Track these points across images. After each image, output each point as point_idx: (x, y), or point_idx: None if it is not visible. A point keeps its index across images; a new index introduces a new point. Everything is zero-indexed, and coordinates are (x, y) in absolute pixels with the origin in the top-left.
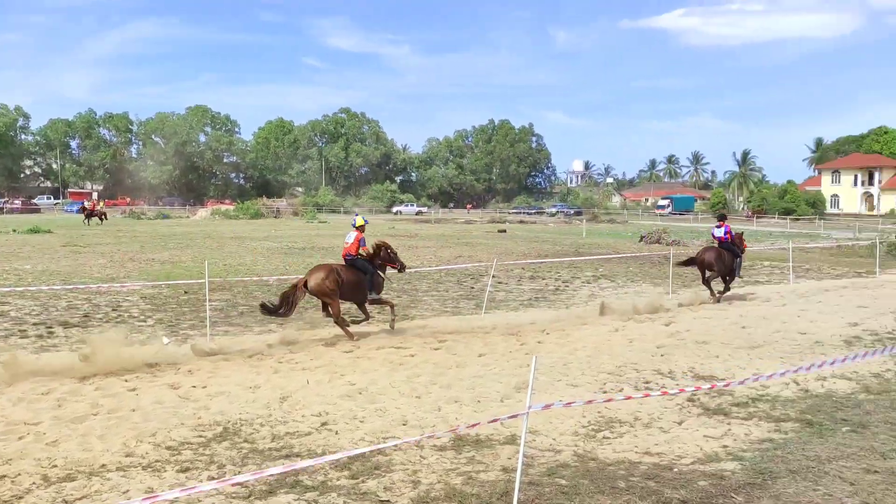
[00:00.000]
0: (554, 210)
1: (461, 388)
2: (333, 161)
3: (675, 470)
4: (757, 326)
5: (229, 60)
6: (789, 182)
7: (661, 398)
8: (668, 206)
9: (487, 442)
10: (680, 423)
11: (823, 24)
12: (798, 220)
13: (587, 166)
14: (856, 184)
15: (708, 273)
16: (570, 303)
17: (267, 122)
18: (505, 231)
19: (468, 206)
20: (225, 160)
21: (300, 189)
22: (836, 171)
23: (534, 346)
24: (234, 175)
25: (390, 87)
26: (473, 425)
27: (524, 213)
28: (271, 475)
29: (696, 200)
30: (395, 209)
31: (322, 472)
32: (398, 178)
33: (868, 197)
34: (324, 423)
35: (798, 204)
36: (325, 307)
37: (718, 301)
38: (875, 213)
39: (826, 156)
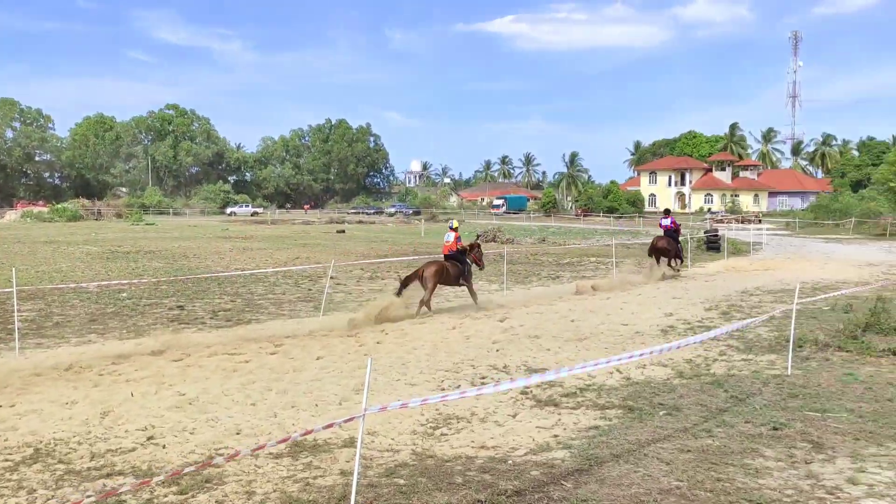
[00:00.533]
0: (393, 210)
1: (298, 392)
2: (161, 160)
3: (510, 462)
4: (584, 320)
5: (40, 50)
6: (612, 182)
7: (495, 392)
8: (503, 205)
9: (325, 446)
10: (514, 416)
11: (640, 34)
12: (621, 217)
13: (425, 166)
14: (670, 184)
15: (662, 256)
16: (411, 302)
17: (85, 117)
18: (344, 231)
19: (306, 206)
20: (37, 158)
21: (124, 189)
22: (653, 173)
23: (372, 346)
24: (48, 174)
25: (222, 84)
26: (307, 432)
27: (363, 213)
28: (90, 496)
29: (528, 200)
30: (228, 210)
31: (148, 489)
32: (232, 178)
33: (680, 196)
34: (150, 438)
35: (620, 203)
36: (404, 286)
37: (678, 272)
38: (687, 210)
39: (644, 158)
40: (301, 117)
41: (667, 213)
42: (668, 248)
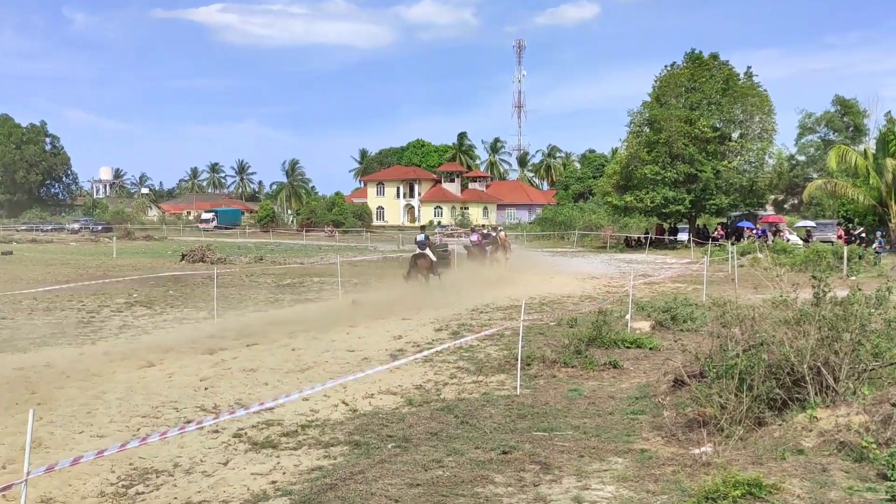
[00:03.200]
0: (77, 226)
1: None
2: None
3: None
4: (306, 348)
5: None
6: (337, 194)
7: (204, 437)
8: (213, 219)
9: None
10: (226, 464)
11: (364, 34)
12: (347, 232)
13: (118, 174)
14: (398, 195)
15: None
16: (98, 336)
17: None
18: (11, 253)
19: None
20: None
21: None
22: (380, 183)
23: (49, 393)
24: None
25: None
26: None
27: (37, 229)
28: None
29: (243, 213)
30: None
31: None
32: None
33: (410, 209)
34: None
35: (346, 216)
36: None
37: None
38: (416, 224)
39: (371, 167)
40: None
41: (473, 230)
42: (485, 257)
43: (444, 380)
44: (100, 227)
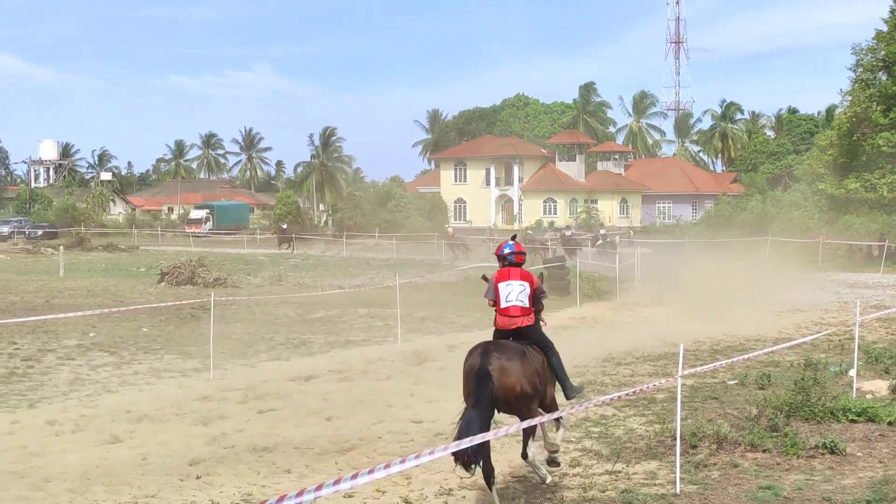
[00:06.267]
0: (6, 229)
1: None
2: None
3: None
4: (349, 416)
5: None
6: (394, 179)
7: None
8: (208, 218)
9: None
10: None
11: None
12: (408, 238)
13: (66, 151)
14: (488, 182)
15: None
16: (39, 396)
17: None
18: None
19: None
20: None
21: None
22: (460, 164)
23: None
24: None
25: None
26: None
27: None
28: None
29: (252, 210)
30: None
31: None
32: None
33: (506, 202)
34: None
35: (408, 214)
36: None
37: None
38: (515, 226)
39: (446, 139)
40: None
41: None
42: None
43: (562, 469)
44: (39, 232)
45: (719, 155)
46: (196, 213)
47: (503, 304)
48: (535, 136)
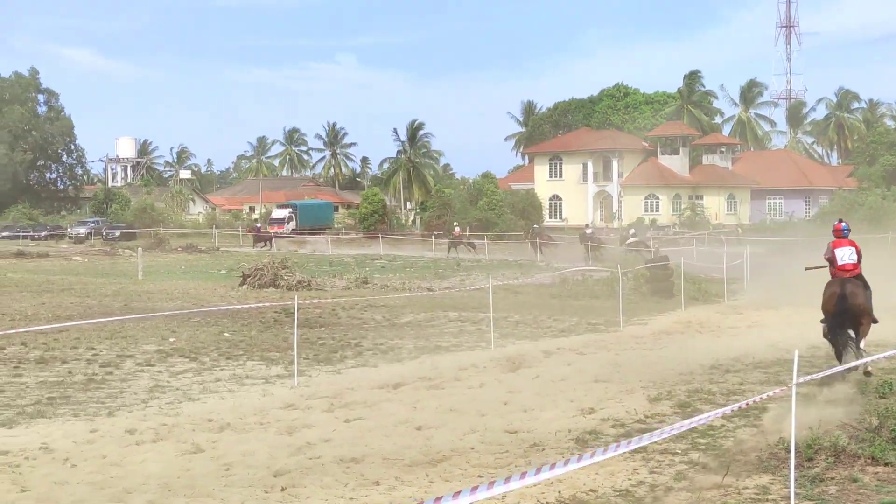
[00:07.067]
0: (84, 230)
1: None
2: None
3: None
4: (439, 426)
5: None
6: (486, 176)
7: None
8: (291, 218)
9: None
10: None
11: None
12: (501, 238)
13: (144, 148)
14: (585, 177)
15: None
16: (118, 404)
17: None
18: None
19: None
20: None
21: None
22: (555, 158)
23: (47, 491)
24: None
25: None
26: None
27: (26, 236)
28: None
29: (336, 208)
30: None
31: None
32: None
33: (604, 198)
34: None
35: (501, 212)
36: None
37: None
38: (617, 224)
39: (540, 133)
40: None
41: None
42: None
43: (667, 482)
44: (117, 233)
45: (835, 147)
46: (278, 213)
47: (839, 262)
48: (635, 129)
